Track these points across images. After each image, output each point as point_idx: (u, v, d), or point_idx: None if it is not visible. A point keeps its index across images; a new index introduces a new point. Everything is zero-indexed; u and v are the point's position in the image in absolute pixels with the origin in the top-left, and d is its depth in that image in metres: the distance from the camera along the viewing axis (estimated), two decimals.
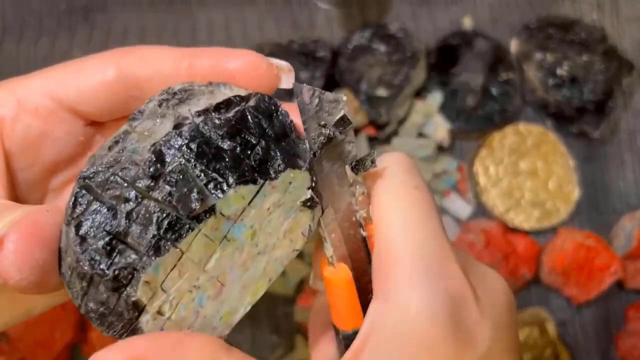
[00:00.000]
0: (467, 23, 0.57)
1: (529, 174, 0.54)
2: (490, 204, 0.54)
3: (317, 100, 0.20)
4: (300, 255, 0.52)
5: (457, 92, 0.54)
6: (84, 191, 0.17)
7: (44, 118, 0.22)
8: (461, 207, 0.54)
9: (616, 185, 0.56)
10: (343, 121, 0.20)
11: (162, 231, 0.16)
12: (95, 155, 0.18)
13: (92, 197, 0.17)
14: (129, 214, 0.17)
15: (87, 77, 0.22)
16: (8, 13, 0.57)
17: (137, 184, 0.17)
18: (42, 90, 0.22)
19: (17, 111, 0.21)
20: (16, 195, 0.22)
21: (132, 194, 0.17)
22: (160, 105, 0.18)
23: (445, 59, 0.54)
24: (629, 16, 0.58)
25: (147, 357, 0.18)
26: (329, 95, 0.20)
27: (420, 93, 0.55)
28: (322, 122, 0.20)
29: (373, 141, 0.54)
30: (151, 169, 0.17)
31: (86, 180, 0.17)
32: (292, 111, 0.20)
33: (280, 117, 0.19)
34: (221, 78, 0.21)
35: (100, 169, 0.17)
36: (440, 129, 0.53)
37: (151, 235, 0.16)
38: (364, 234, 0.21)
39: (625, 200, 0.55)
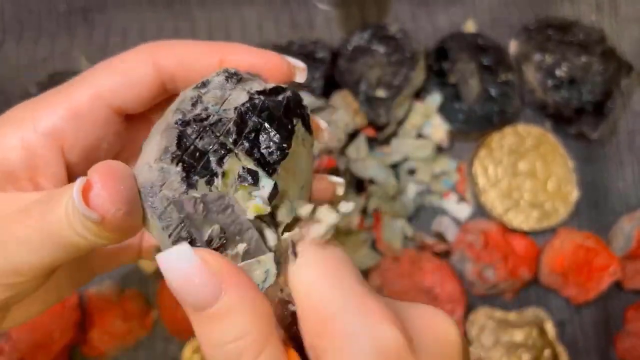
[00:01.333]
0: (469, 28, 0.57)
1: (528, 175, 0.54)
2: (490, 205, 0.54)
3: (201, 206, 0.20)
4: None
5: (456, 93, 0.54)
6: (184, 137, 0.20)
7: (98, 123, 0.23)
8: (460, 207, 0.54)
9: (615, 186, 0.56)
10: (232, 211, 0.21)
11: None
12: (181, 109, 0.21)
13: (190, 143, 0.20)
14: (219, 160, 0.20)
15: (130, 75, 0.23)
16: (7, 14, 0.57)
17: (227, 138, 0.21)
18: (93, 96, 0.23)
19: (76, 123, 0.22)
20: None
21: (222, 144, 0.21)
22: (227, 81, 0.22)
23: (444, 60, 0.55)
24: (628, 17, 0.59)
25: (233, 277, 0.18)
26: (211, 196, 0.21)
27: (419, 94, 0.55)
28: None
29: (372, 142, 0.54)
30: (236, 127, 0.21)
31: (185, 126, 0.20)
32: None
33: (304, 110, 0.23)
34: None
35: (194, 121, 0.21)
36: (439, 129, 0.53)
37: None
38: (293, 308, 0.21)
39: (624, 201, 0.55)
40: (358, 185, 0.53)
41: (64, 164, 0.23)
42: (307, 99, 0.52)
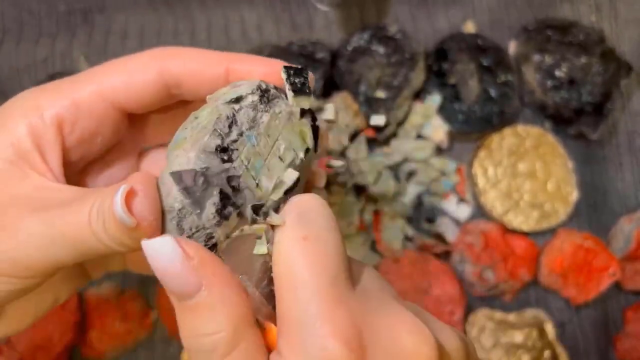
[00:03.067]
0: (469, 29, 0.57)
1: (527, 176, 0.54)
2: (489, 206, 0.54)
3: (202, 179, 0.21)
4: None
5: (456, 94, 0.54)
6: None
7: (97, 118, 0.24)
8: (460, 208, 0.54)
9: (614, 187, 0.56)
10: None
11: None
12: (219, 130, 0.21)
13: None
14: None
15: (133, 76, 0.24)
16: (7, 14, 0.57)
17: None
18: (94, 92, 0.24)
19: (76, 114, 0.23)
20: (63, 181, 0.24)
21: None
22: (260, 100, 0.22)
23: (444, 60, 0.55)
24: (627, 18, 0.59)
25: (213, 273, 0.19)
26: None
27: (419, 95, 0.55)
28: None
29: (372, 143, 0.54)
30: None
31: (222, 153, 0.21)
32: None
33: (317, 126, 0.24)
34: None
35: (230, 150, 0.21)
36: (439, 130, 0.53)
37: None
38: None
39: (623, 202, 0.55)
40: (358, 186, 0.53)
41: (62, 148, 0.24)
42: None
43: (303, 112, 0.23)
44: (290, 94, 0.23)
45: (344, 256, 0.20)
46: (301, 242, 0.19)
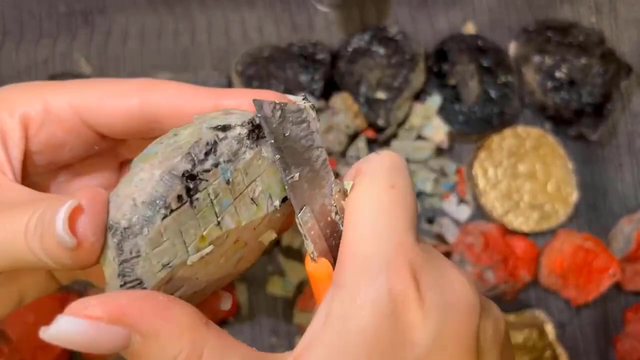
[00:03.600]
0: (469, 30, 0.57)
1: (527, 177, 0.54)
2: (489, 206, 0.54)
3: (279, 112, 0.21)
4: (300, 258, 0.52)
5: (456, 95, 0.54)
6: (182, 196, 0.19)
7: (66, 130, 0.24)
8: (460, 209, 0.54)
9: (614, 188, 0.56)
10: (308, 127, 0.22)
11: None
12: (193, 155, 0.20)
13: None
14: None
15: (111, 104, 0.23)
16: (8, 16, 0.57)
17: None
18: (69, 104, 0.23)
19: (44, 118, 0.23)
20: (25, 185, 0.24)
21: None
22: (249, 136, 0.21)
23: (444, 61, 0.55)
24: (627, 19, 0.59)
25: (128, 315, 0.18)
26: (291, 107, 0.21)
27: (419, 96, 0.55)
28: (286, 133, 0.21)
29: (373, 144, 0.54)
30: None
31: (190, 181, 0.20)
32: None
33: None
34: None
35: (199, 179, 0.20)
36: (439, 131, 0.54)
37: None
38: (343, 228, 0.22)
39: (623, 203, 0.55)
40: None
41: (25, 148, 0.23)
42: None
43: None
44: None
45: (417, 213, 0.22)
46: (389, 189, 0.21)
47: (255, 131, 0.21)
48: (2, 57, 0.56)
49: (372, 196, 0.21)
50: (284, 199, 0.22)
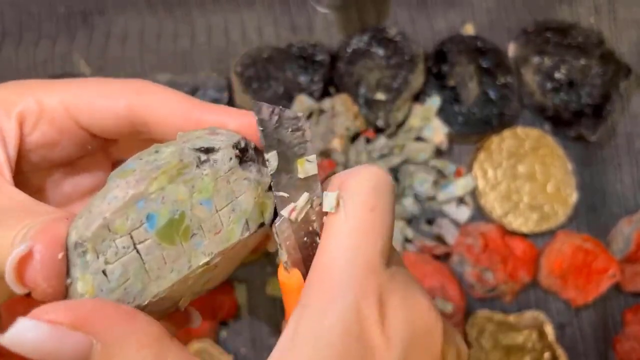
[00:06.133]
0: (468, 31, 0.57)
1: (527, 178, 0.54)
2: (489, 207, 0.54)
3: (276, 117, 0.21)
4: None
5: (456, 96, 0.54)
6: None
7: (59, 128, 0.24)
8: (459, 210, 0.54)
9: (614, 189, 0.56)
10: (302, 136, 0.22)
11: None
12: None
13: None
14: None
15: (101, 104, 0.23)
16: (7, 17, 0.57)
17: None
18: (61, 102, 0.23)
19: (38, 116, 0.23)
20: (16, 183, 0.24)
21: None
22: (230, 159, 0.21)
23: (443, 62, 0.55)
24: (626, 20, 0.59)
25: (92, 322, 0.17)
26: (288, 113, 0.21)
27: (418, 97, 0.55)
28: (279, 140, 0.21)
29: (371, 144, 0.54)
30: None
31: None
32: None
33: None
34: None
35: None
36: (439, 132, 0.54)
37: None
38: (319, 241, 0.22)
39: (623, 204, 0.55)
40: None
41: (20, 146, 0.23)
42: (307, 102, 0.53)
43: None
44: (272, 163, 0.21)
45: (392, 236, 0.22)
46: (369, 212, 0.21)
47: (240, 156, 0.21)
48: (1, 58, 0.56)
49: (350, 217, 0.21)
50: (261, 225, 0.21)
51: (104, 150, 0.27)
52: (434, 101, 0.54)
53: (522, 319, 0.52)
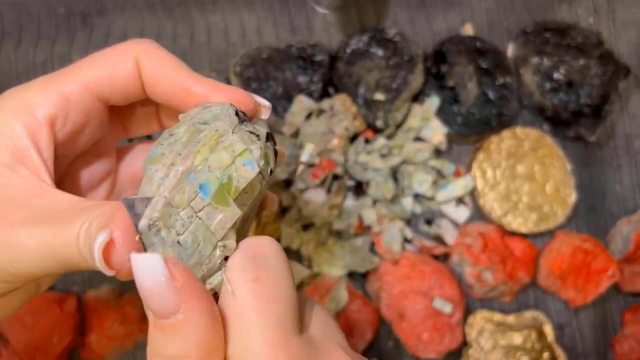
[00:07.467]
0: (467, 31, 0.58)
1: (526, 178, 0.54)
2: (488, 208, 0.54)
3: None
4: (299, 258, 0.52)
5: (455, 96, 0.54)
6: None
7: (85, 112, 0.25)
8: (459, 210, 0.54)
9: (613, 189, 0.56)
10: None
11: None
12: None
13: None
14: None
15: (115, 69, 0.25)
16: (6, 17, 0.57)
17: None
18: (82, 85, 0.24)
19: (66, 109, 0.24)
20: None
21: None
22: (242, 125, 0.23)
23: (442, 63, 0.55)
24: (625, 20, 0.59)
25: (194, 296, 0.19)
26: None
27: (417, 97, 0.55)
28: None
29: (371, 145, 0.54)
30: None
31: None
32: None
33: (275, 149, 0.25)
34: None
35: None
36: (438, 132, 0.54)
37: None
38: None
39: (622, 204, 0.56)
40: (357, 188, 0.53)
41: (54, 144, 0.24)
42: (306, 102, 0.53)
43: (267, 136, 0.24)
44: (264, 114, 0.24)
45: (294, 300, 0.21)
46: (251, 283, 0.20)
47: (237, 116, 0.23)
48: (1, 59, 0.56)
49: (237, 293, 0.20)
50: (270, 172, 0.23)
51: (110, 134, 0.28)
52: (433, 101, 0.54)
53: (521, 319, 0.52)
